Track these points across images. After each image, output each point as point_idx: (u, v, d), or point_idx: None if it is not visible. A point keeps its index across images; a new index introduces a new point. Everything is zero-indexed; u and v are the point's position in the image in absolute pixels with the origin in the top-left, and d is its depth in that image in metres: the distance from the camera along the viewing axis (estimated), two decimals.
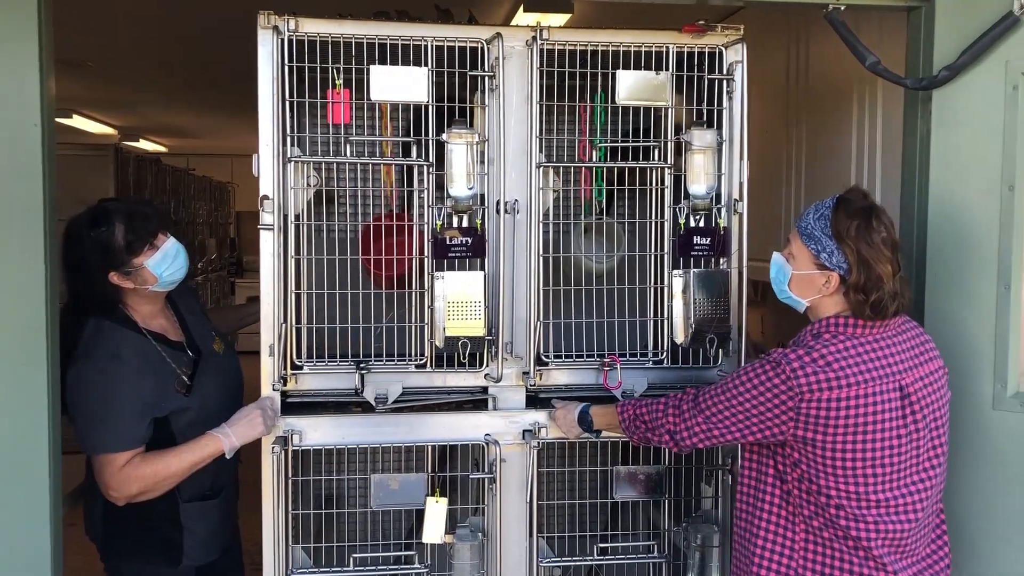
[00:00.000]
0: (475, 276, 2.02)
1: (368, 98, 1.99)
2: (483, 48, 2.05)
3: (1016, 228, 2.08)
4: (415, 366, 2.08)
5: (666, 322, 2.16)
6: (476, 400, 2.15)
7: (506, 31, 2.06)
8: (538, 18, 3.36)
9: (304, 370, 2.06)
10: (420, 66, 2.00)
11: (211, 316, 2.45)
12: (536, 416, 2.11)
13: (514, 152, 2.08)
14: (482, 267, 2.05)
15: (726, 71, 2.14)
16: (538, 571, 2.13)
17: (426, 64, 2.00)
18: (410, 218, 2.09)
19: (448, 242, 2.01)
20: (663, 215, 2.15)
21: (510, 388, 2.13)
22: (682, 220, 2.13)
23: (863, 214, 1.71)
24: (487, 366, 2.10)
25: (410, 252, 2.05)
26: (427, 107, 2.02)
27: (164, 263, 2.08)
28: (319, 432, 2.05)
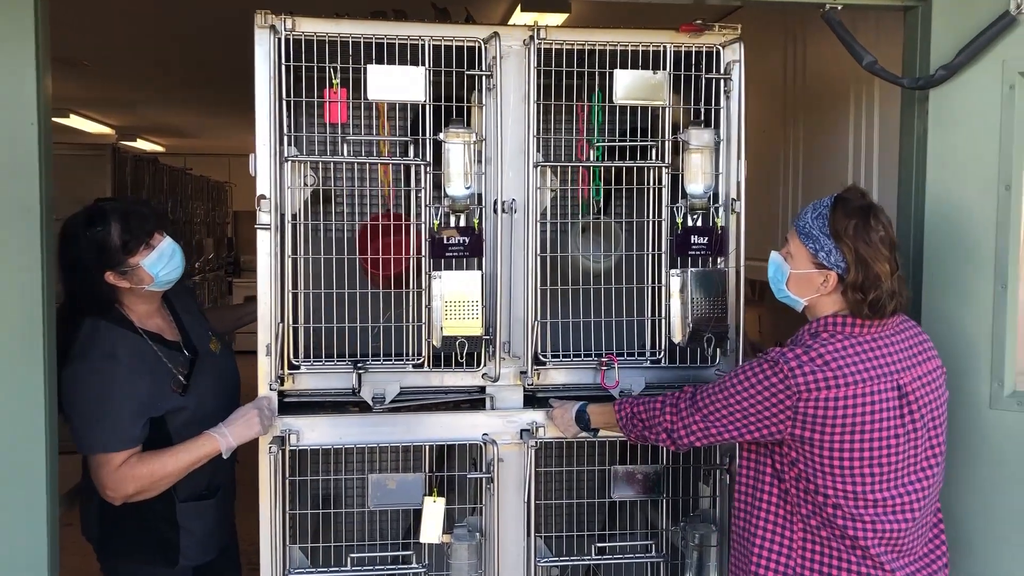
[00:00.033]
0: (472, 276, 2.02)
1: (365, 97, 1.99)
2: (480, 47, 2.05)
3: (1013, 227, 2.08)
4: (412, 366, 2.08)
5: (664, 321, 2.16)
6: (474, 400, 2.15)
7: (503, 30, 2.06)
8: (535, 17, 3.36)
9: (301, 370, 2.06)
10: (417, 65, 2.00)
11: (208, 316, 2.45)
12: (534, 416, 2.11)
13: (512, 151, 2.08)
14: (480, 267, 2.05)
15: (723, 70, 2.14)
16: (536, 571, 2.13)
17: (423, 63, 2.00)
18: (407, 218, 2.09)
19: (445, 241, 2.01)
20: (661, 214, 2.15)
21: (508, 388, 2.13)
22: (680, 219, 2.13)
23: (861, 213, 1.72)
24: (485, 366, 2.10)
25: (407, 252, 2.05)
26: (424, 106, 2.02)
27: (160, 263, 2.08)
28: (316, 432, 2.05)
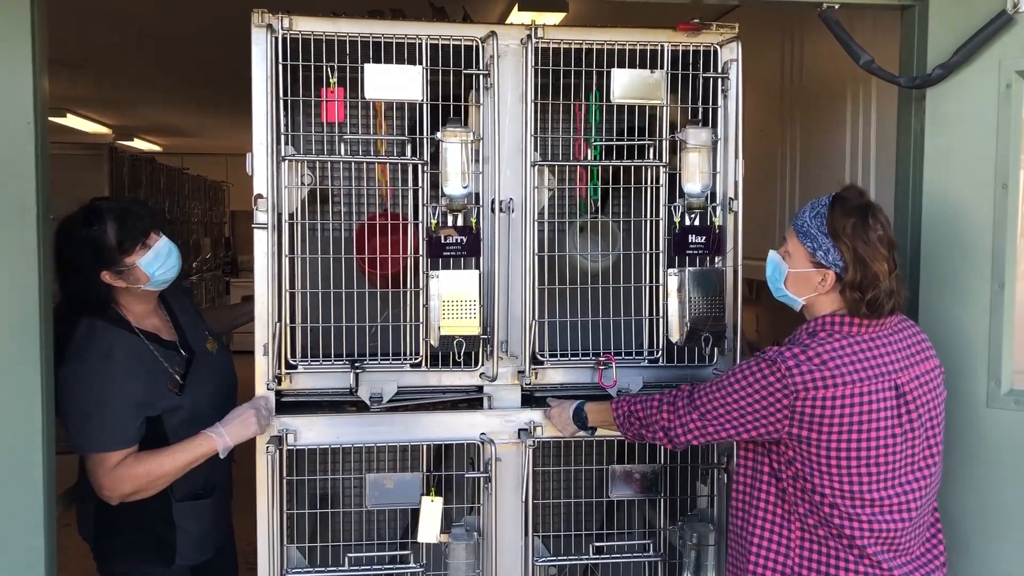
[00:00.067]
0: (470, 275, 2.01)
1: (362, 97, 1.99)
2: (478, 46, 2.05)
3: (1010, 226, 2.08)
4: (410, 365, 2.08)
5: (661, 321, 2.16)
6: (471, 399, 2.15)
7: (501, 29, 2.06)
8: (533, 16, 3.36)
9: (299, 369, 2.05)
10: (415, 65, 2.00)
11: (205, 316, 2.44)
12: (531, 415, 2.11)
13: (509, 151, 2.08)
14: (477, 266, 2.05)
15: (721, 69, 2.14)
16: (534, 570, 2.13)
17: (421, 62, 2.00)
18: (405, 217, 2.09)
19: (443, 241, 2.00)
20: (658, 214, 2.15)
21: (505, 387, 2.13)
22: (677, 219, 2.13)
23: (859, 212, 1.72)
24: (482, 365, 2.10)
25: (405, 251, 2.05)
26: (422, 105, 2.01)
27: (156, 262, 2.08)
28: (314, 431, 2.05)
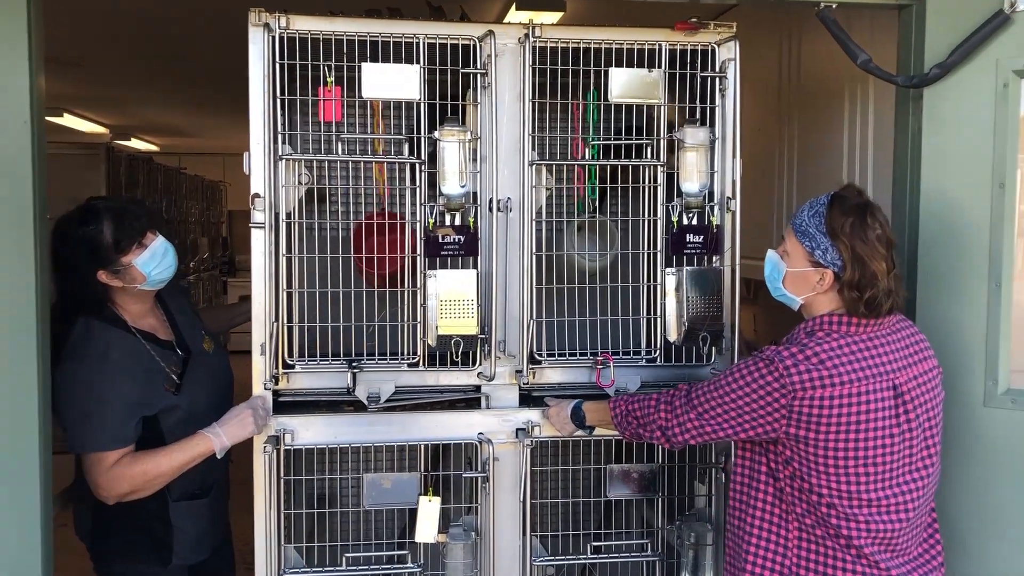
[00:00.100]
0: (468, 274, 2.01)
1: (360, 96, 1.98)
2: (475, 45, 2.05)
3: (1007, 225, 2.08)
4: (408, 365, 2.08)
5: (659, 320, 2.15)
6: (469, 399, 2.14)
7: (498, 28, 2.06)
8: (531, 15, 3.35)
9: (296, 369, 2.05)
10: (412, 63, 1.99)
11: (203, 316, 2.44)
12: (529, 414, 2.11)
13: (507, 150, 2.08)
14: (475, 265, 2.04)
15: (719, 69, 2.14)
16: (531, 570, 2.13)
17: (418, 61, 2.00)
18: (403, 216, 2.08)
19: (441, 240, 2.00)
20: (656, 213, 2.15)
21: (503, 386, 2.13)
22: (675, 218, 2.13)
23: (858, 211, 1.71)
24: (480, 364, 2.10)
25: (402, 250, 2.05)
26: (419, 105, 2.01)
27: (152, 262, 2.07)
28: (311, 431, 2.05)
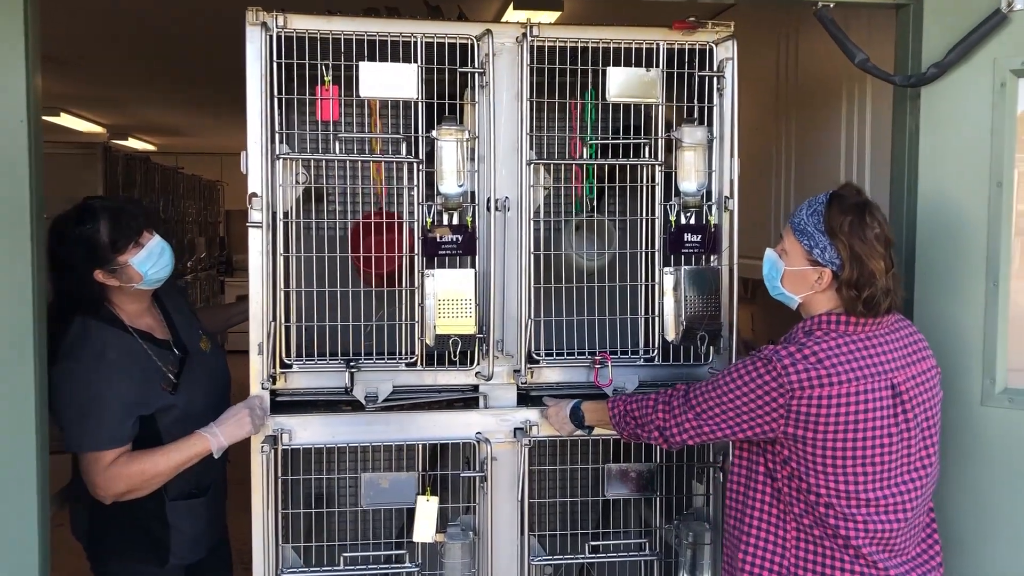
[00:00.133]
0: (466, 274, 2.01)
1: (357, 95, 1.98)
2: (473, 45, 2.05)
3: (1004, 225, 2.08)
4: (405, 364, 2.07)
5: (657, 320, 2.15)
6: (467, 398, 2.14)
7: (496, 27, 2.05)
8: (528, 15, 3.35)
9: (293, 369, 2.05)
10: (410, 63, 1.99)
11: (200, 315, 2.44)
12: (527, 414, 2.11)
13: (504, 149, 2.08)
14: (473, 265, 2.04)
15: (716, 68, 2.14)
16: (529, 570, 2.13)
17: (416, 61, 2.00)
18: (400, 216, 2.08)
19: (438, 240, 2.00)
20: (654, 212, 2.15)
21: (501, 386, 2.13)
22: (673, 217, 2.13)
23: (856, 210, 1.71)
24: (478, 364, 2.10)
25: (400, 250, 2.04)
26: (417, 104, 2.01)
27: (149, 261, 2.07)
28: (309, 431, 2.04)
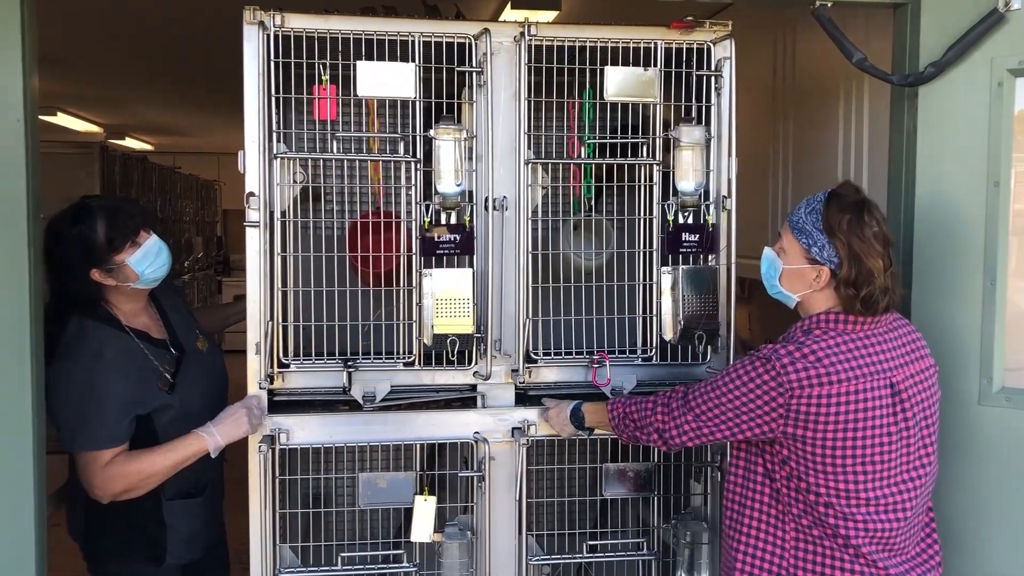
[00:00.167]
0: (464, 273, 2.01)
1: (355, 94, 1.98)
2: (471, 44, 2.05)
3: (1001, 224, 2.09)
4: (403, 364, 2.07)
5: (655, 319, 2.15)
6: (465, 398, 2.14)
7: (494, 27, 2.05)
8: (526, 14, 3.35)
9: (291, 368, 2.04)
10: (407, 62, 1.99)
11: (197, 315, 2.43)
12: (525, 413, 2.11)
13: (502, 148, 2.08)
14: (471, 264, 2.04)
15: (714, 67, 2.14)
16: (527, 569, 2.12)
17: (413, 60, 1.99)
18: (398, 215, 2.08)
19: (436, 239, 2.00)
20: (652, 212, 2.15)
21: (499, 386, 2.13)
22: (671, 217, 2.13)
23: (855, 208, 1.71)
24: (476, 364, 2.10)
25: (398, 249, 2.04)
26: (415, 103, 2.01)
27: (146, 261, 2.07)
28: (306, 431, 2.04)
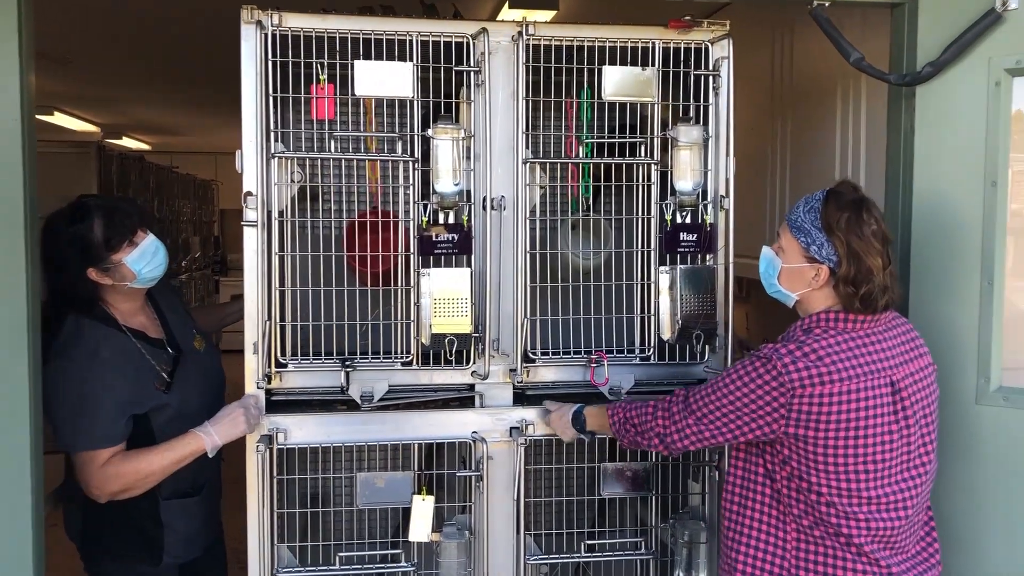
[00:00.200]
0: (462, 273, 2.01)
1: (353, 93, 1.98)
2: (469, 43, 2.04)
3: (999, 223, 2.09)
4: (401, 364, 2.07)
5: (653, 318, 2.15)
6: (463, 398, 2.14)
7: (492, 26, 2.05)
8: (524, 13, 3.35)
9: (289, 368, 2.04)
10: (405, 61, 1.99)
11: (194, 315, 2.43)
12: (523, 413, 2.11)
13: (500, 148, 2.08)
14: (469, 264, 2.04)
15: (712, 67, 2.14)
16: (525, 569, 2.12)
17: (411, 59, 1.99)
18: (395, 215, 2.08)
19: (434, 239, 2.00)
20: (650, 211, 2.15)
21: (497, 385, 2.13)
22: (669, 216, 2.13)
23: (853, 207, 1.71)
24: (474, 363, 2.10)
25: (396, 249, 2.04)
26: (412, 102, 2.01)
27: (143, 260, 2.06)
28: (304, 430, 2.04)
